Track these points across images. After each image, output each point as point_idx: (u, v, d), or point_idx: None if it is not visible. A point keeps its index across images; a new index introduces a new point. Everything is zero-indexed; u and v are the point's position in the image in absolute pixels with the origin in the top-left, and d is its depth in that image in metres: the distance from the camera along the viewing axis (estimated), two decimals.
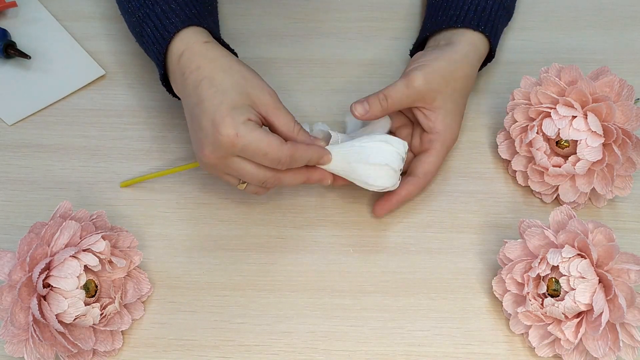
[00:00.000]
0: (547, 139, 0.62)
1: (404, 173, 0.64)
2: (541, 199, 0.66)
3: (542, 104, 0.62)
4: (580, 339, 0.54)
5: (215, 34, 0.62)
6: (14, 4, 0.76)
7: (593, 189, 0.62)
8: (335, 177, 0.60)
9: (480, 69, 0.68)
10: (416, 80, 0.61)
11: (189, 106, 0.57)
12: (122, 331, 0.58)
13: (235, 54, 0.64)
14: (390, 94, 0.61)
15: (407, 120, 0.66)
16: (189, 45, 0.59)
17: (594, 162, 0.60)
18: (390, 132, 0.65)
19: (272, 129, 0.58)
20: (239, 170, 0.56)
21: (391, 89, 0.61)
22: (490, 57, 0.68)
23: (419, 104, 0.62)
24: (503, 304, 0.58)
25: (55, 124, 0.70)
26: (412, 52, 0.71)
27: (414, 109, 0.63)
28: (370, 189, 0.60)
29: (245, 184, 0.58)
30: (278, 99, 0.58)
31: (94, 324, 0.55)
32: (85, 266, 0.54)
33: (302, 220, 0.64)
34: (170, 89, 0.63)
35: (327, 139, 0.60)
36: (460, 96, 0.64)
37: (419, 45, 0.70)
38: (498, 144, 0.67)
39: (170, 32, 0.60)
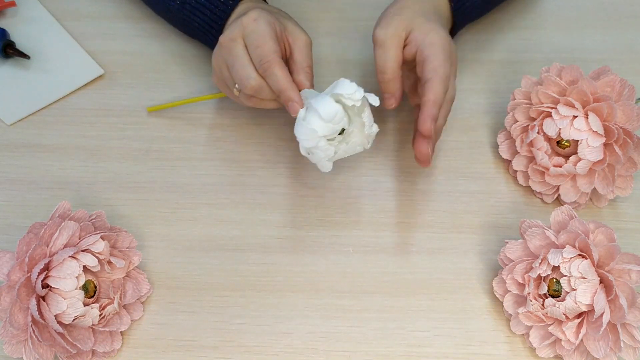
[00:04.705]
0: (548, 139, 0.62)
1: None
2: (542, 199, 0.65)
3: (542, 103, 0.62)
4: (581, 339, 0.54)
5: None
6: (13, 4, 0.76)
7: (594, 189, 0.62)
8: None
9: None
10: (378, 34, 0.61)
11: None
12: (121, 332, 0.57)
13: None
14: (379, 65, 0.61)
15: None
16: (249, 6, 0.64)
17: (595, 162, 0.60)
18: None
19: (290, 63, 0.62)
20: (236, 56, 0.60)
21: (377, 61, 0.61)
22: (452, 33, 0.67)
23: (401, 44, 0.61)
24: (504, 304, 0.58)
25: (54, 124, 0.70)
26: None
27: (405, 54, 0.62)
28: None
29: (240, 91, 0.62)
30: (310, 46, 0.63)
31: (93, 325, 0.55)
32: (84, 266, 0.54)
33: (302, 220, 0.64)
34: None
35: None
36: (429, 13, 0.62)
37: None
38: (499, 143, 0.67)
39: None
